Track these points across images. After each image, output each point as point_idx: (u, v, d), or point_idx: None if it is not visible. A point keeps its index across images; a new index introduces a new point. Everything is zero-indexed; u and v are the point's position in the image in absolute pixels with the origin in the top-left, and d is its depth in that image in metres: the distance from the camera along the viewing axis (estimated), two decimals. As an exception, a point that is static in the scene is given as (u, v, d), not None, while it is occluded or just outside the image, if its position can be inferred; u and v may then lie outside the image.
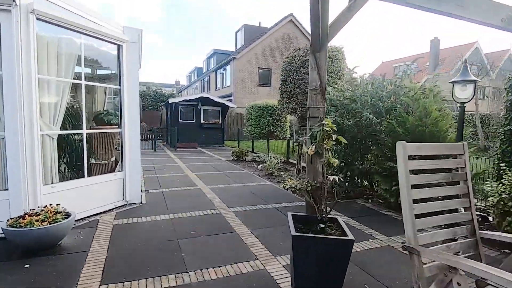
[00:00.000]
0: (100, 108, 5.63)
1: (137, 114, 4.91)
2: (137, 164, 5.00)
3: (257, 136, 9.59)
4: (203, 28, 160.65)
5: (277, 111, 9.36)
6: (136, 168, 4.98)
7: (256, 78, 24.87)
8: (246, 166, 9.28)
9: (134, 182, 4.96)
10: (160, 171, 8.05)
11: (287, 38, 26.03)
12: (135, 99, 4.85)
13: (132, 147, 4.89)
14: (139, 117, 5.86)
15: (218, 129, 15.99)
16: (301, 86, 7.37)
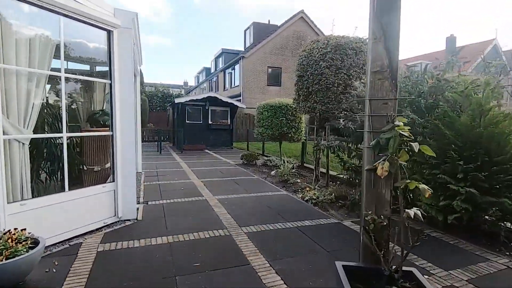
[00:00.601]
0: (99, 108, 4.92)
1: (132, 114, 4.14)
2: (131, 173, 4.23)
3: (269, 138, 8.79)
4: (212, 28, 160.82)
5: (291, 110, 8.52)
6: (130, 178, 4.22)
7: (266, 78, 24.05)
8: (257, 171, 8.47)
9: (128, 195, 4.19)
10: (163, 177, 7.30)
11: (298, 36, 25.15)
12: (129, 95, 4.08)
13: (126, 153, 4.13)
14: (136, 117, 5.07)
15: (227, 130, 15.24)
16: (321, 82, 6.52)
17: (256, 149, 13.75)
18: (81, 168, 4.32)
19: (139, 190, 5.87)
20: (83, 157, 4.39)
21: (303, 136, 9.02)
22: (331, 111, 6.61)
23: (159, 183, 6.56)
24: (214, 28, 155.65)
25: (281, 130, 8.51)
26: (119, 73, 3.95)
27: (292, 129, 8.61)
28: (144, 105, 21.14)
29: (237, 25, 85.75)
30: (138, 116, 7.52)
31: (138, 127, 7.55)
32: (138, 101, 7.49)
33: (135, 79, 7.08)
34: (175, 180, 6.94)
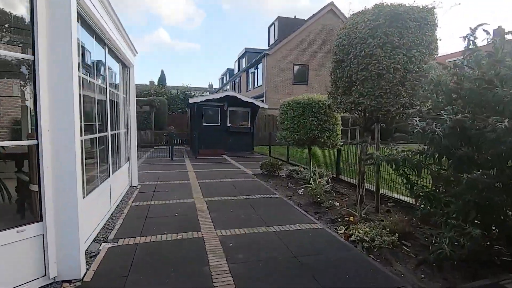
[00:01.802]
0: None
1: (71, 111, 2.55)
2: (72, 202, 2.63)
3: (295, 144, 7.00)
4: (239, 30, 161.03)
5: (324, 108, 6.66)
6: (70, 211, 2.61)
7: (291, 76, 22.19)
8: (280, 186, 6.68)
9: (68, 240, 2.60)
10: (161, 194, 5.75)
11: (327, 30, 23.03)
12: (68, 79, 2.50)
13: (62, 175, 2.54)
14: (127, 118, 3.57)
15: (247, 134, 13.59)
16: (370, 67, 4.66)
17: (279, 155, 11.97)
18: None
19: (118, 217, 4.33)
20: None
21: (339, 142, 7.11)
22: (384, 108, 4.72)
23: (150, 204, 5.00)
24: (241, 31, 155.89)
25: (310, 134, 6.67)
26: (48, 40, 2.38)
27: (326, 133, 6.73)
28: (163, 107, 20.12)
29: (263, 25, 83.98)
30: (132, 117, 6.06)
31: (132, 132, 6.08)
32: (132, 99, 6.03)
33: (125, 70, 5.62)
34: (173, 199, 5.35)
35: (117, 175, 4.98)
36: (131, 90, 5.99)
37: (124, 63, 5.67)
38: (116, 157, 5.02)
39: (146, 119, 18.36)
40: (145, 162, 10.38)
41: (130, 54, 5.70)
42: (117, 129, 5.47)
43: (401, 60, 4.60)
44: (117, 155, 5.13)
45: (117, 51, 4.88)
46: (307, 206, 5.14)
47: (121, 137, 5.84)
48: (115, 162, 5.01)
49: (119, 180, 5.15)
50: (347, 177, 7.66)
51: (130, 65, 5.93)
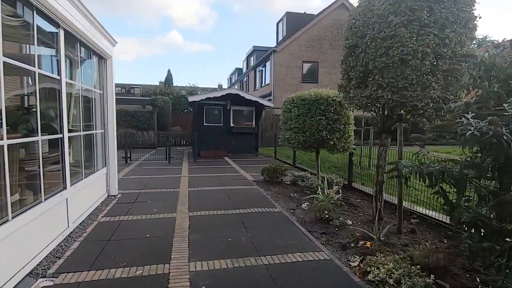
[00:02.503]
0: None
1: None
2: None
3: (300, 146, 6.03)
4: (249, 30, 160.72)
5: (334, 105, 5.69)
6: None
7: (300, 74, 21.16)
8: (282, 196, 5.75)
9: None
10: (141, 205, 4.92)
11: (338, 25, 21.86)
12: None
13: None
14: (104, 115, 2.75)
15: (251, 134, 12.69)
16: (391, 51, 3.70)
17: (285, 157, 11.01)
18: None
19: (76, 239, 3.50)
20: None
21: (351, 144, 6.11)
22: (409, 103, 3.74)
23: (122, 221, 4.16)
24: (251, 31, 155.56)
25: (318, 135, 5.71)
26: None
27: (336, 134, 5.75)
28: (167, 106, 19.46)
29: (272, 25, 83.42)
30: (110, 116, 5.25)
31: (110, 133, 5.28)
32: (110, 96, 5.22)
33: (101, 63, 4.82)
34: (152, 213, 4.50)
35: (83, 184, 4.17)
36: (109, 85, 5.19)
37: (98, 53, 4.86)
38: (81, 163, 4.21)
39: (149, 119, 17.73)
40: (140, 165, 9.63)
41: (106, 43, 4.89)
42: (89, 130, 4.66)
43: (432, 42, 3.63)
44: (84, 161, 4.32)
45: (83, 38, 4.07)
46: (312, 225, 4.19)
47: (97, 139, 5.05)
48: (81, 169, 4.20)
49: (87, 191, 4.34)
50: (360, 184, 6.66)
51: (107, 57, 5.12)
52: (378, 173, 4.61)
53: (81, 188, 4.07)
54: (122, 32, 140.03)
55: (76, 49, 4.09)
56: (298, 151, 9.52)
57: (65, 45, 3.70)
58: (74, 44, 4.03)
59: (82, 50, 4.39)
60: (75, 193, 3.82)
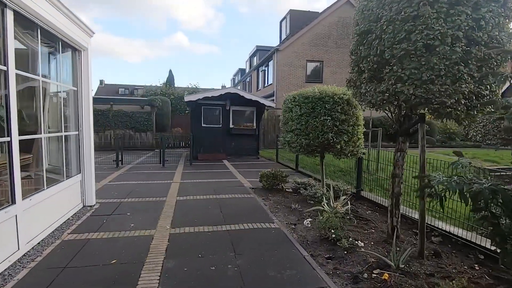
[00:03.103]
0: None
1: None
2: None
3: (302, 150, 5.31)
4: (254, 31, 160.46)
5: (341, 104, 4.99)
6: None
7: (304, 73, 20.45)
8: (282, 207, 5.06)
9: None
10: (118, 219, 4.27)
11: (344, 23, 21.18)
12: None
13: None
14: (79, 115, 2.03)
15: (252, 136, 12.00)
16: (414, 35, 3.02)
17: (288, 161, 10.31)
18: None
19: (25, 265, 2.85)
20: None
21: (361, 149, 5.40)
22: (436, 99, 3.05)
23: (89, 239, 3.50)
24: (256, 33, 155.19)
25: (323, 138, 5.00)
26: None
27: (343, 136, 5.05)
28: (166, 107, 18.89)
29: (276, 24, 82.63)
30: (86, 116, 4.62)
31: (86, 135, 4.64)
32: (86, 93, 4.59)
33: (75, 55, 4.20)
34: (128, 229, 3.83)
35: (44, 196, 3.53)
36: (84, 81, 4.55)
37: (70, 44, 4.23)
38: (43, 171, 3.57)
39: (147, 120, 17.16)
40: (132, 169, 9.00)
41: (79, 33, 4.26)
42: (56, 132, 4.03)
43: (464, 24, 2.93)
44: (48, 168, 3.68)
45: (45, 24, 3.44)
46: (316, 246, 3.49)
47: (69, 142, 4.42)
48: (42, 178, 3.56)
49: (51, 203, 3.69)
50: (368, 191, 5.96)
51: (82, 48, 4.49)
52: (394, 183, 3.90)
53: (41, 201, 3.43)
54: (130, 34, 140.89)
55: (36, 37, 3.46)
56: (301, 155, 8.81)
57: (18, 31, 3.07)
58: (32, 31, 3.40)
59: (46, 39, 3.76)
60: (30, 207, 3.18)
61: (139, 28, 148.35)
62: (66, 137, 4.31)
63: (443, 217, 4.33)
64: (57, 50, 3.97)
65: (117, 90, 51.63)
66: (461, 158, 2.27)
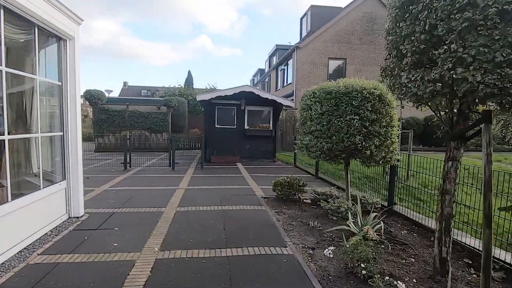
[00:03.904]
0: None
1: None
2: None
3: (324, 156, 4.43)
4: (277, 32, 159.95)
5: (371, 101, 4.10)
6: None
7: (326, 72, 19.40)
8: (298, 223, 4.23)
9: None
10: (102, 235, 3.63)
11: (369, 18, 19.95)
12: None
13: None
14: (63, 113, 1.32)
15: (268, 138, 11.21)
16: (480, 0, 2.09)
17: (307, 165, 9.42)
18: None
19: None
20: None
21: (395, 155, 4.46)
22: None
23: (59, 263, 2.86)
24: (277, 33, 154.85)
25: (349, 142, 4.13)
26: None
27: (374, 140, 4.14)
28: (182, 108, 18.50)
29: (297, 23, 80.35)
30: (73, 115, 4.04)
31: (72, 137, 4.06)
32: (72, 88, 4.01)
33: (60, 45, 3.62)
34: (108, 251, 3.18)
35: (7, 210, 2.94)
36: (70, 75, 3.98)
37: (53, 33, 3.66)
38: (7, 179, 2.98)
39: (163, 121, 16.82)
40: (139, 172, 8.49)
41: (64, 20, 3.69)
42: (28, 132, 3.46)
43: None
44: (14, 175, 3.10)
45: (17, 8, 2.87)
46: (340, 284, 2.65)
47: (52, 145, 3.85)
48: (5, 188, 2.97)
49: (19, 217, 3.11)
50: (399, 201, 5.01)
51: (68, 37, 3.92)
52: (444, 202, 2.99)
53: (3, 215, 2.84)
54: (157, 38, 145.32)
55: (10, 22, 2.89)
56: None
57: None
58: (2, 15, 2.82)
59: (21, 25, 3.19)
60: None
61: (165, 32, 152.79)
62: (45, 139, 3.74)
63: (505, 246, 3.36)
64: (34, 39, 3.39)
65: (140, 91, 52.58)
66: None
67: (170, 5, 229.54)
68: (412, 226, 4.42)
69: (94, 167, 9.41)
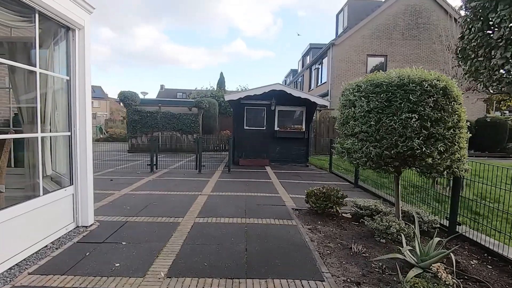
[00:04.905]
0: None
1: None
2: None
3: (370, 164, 3.58)
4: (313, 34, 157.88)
5: (434, 95, 3.20)
6: None
7: (364, 69, 18.06)
8: (337, 246, 3.43)
9: None
10: (108, 249, 3.15)
11: (413, 11, 18.30)
12: None
13: None
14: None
15: (300, 140, 10.39)
16: None
17: (344, 171, 8.46)
18: None
19: None
20: None
21: (464, 164, 3.48)
22: None
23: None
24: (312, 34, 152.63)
25: (404, 147, 3.26)
26: None
27: (437, 145, 3.23)
28: (213, 109, 18.28)
29: (332, 24, 76.10)
30: (81, 114, 3.64)
31: (81, 137, 3.67)
32: (80, 84, 3.62)
33: (66, 35, 3.24)
34: (107, 274, 2.65)
35: None
36: (79, 69, 3.59)
37: (60, 22, 3.28)
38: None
39: (194, 122, 16.67)
40: (165, 174, 8.16)
41: (71, 7, 3.29)
42: (30, 131, 3.07)
43: None
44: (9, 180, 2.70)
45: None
46: None
47: (55, 145, 3.48)
48: None
49: (12, 228, 2.71)
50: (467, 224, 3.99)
51: (76, 27, 3.53)
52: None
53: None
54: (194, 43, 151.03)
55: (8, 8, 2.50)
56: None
57: None
58: None
59: (22, 12, 2.81)
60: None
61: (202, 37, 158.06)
62: (48, 139, 3.36)
63: None
64: (35, 27, 3.01)
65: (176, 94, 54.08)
66: None
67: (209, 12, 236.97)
68: (484, 254, 3.44)
69: (122, 168, 9.29)
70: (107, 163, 9.74)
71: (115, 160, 11.06)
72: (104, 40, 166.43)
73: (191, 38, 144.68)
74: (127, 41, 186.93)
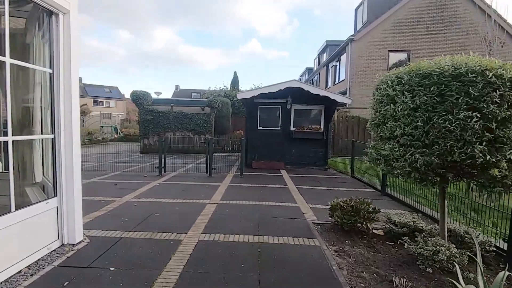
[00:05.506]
0: None
1: None
2: None
3: (416, 175, 2.84)
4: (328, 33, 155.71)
5: (500, 88, 2.47)
6: None
7: (386, 66, 17.02)
8: (371, 275, 2.73)
9: None
10: (90, 279, 2.60)
11: (438, 4, 17.14)
12: None
13: None
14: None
15: (319, 141, 9.64)
16: None
17: (369, 175, 7.67)
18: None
19: None
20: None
21: (541, 175, 2.71)
22: None
23: None
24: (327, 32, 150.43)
25: (463, 154, 2.53)
26: None
27: (506, 150, 2.49)
28: (226, 109, 17.75)
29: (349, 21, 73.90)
30: (67, 112, 3.12)
31: (67, 140, 3.14)
32: (66, 77, 3.09)
33: (49, 20, 2.70)
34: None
35: None
36: (65, 60, 3.06)
37: (40, 4, 2.75)
38: None
39: (206, 122, 16.20)
40: (173, 178, 7.64)
41: (51, -17, 2.76)
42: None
43: None
44: None
45: None
46: None
47: (32, 150, 2.97)
48: None
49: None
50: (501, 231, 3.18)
51: (60, 11, 3.00)
52: None
53: None
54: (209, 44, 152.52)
55: None
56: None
57: None
58: None
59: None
60: None
61: (217, 38, 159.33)
62: (23, 143, 2.84)
63: None
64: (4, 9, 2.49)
65: (190, 94, 54.16)
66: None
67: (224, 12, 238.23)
68: None
69: (130, 170, 8.86)
70: (115, 166, 9.35)
71: (125, 162, 10.69)
72: (123, 42, 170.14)
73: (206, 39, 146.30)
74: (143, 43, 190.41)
